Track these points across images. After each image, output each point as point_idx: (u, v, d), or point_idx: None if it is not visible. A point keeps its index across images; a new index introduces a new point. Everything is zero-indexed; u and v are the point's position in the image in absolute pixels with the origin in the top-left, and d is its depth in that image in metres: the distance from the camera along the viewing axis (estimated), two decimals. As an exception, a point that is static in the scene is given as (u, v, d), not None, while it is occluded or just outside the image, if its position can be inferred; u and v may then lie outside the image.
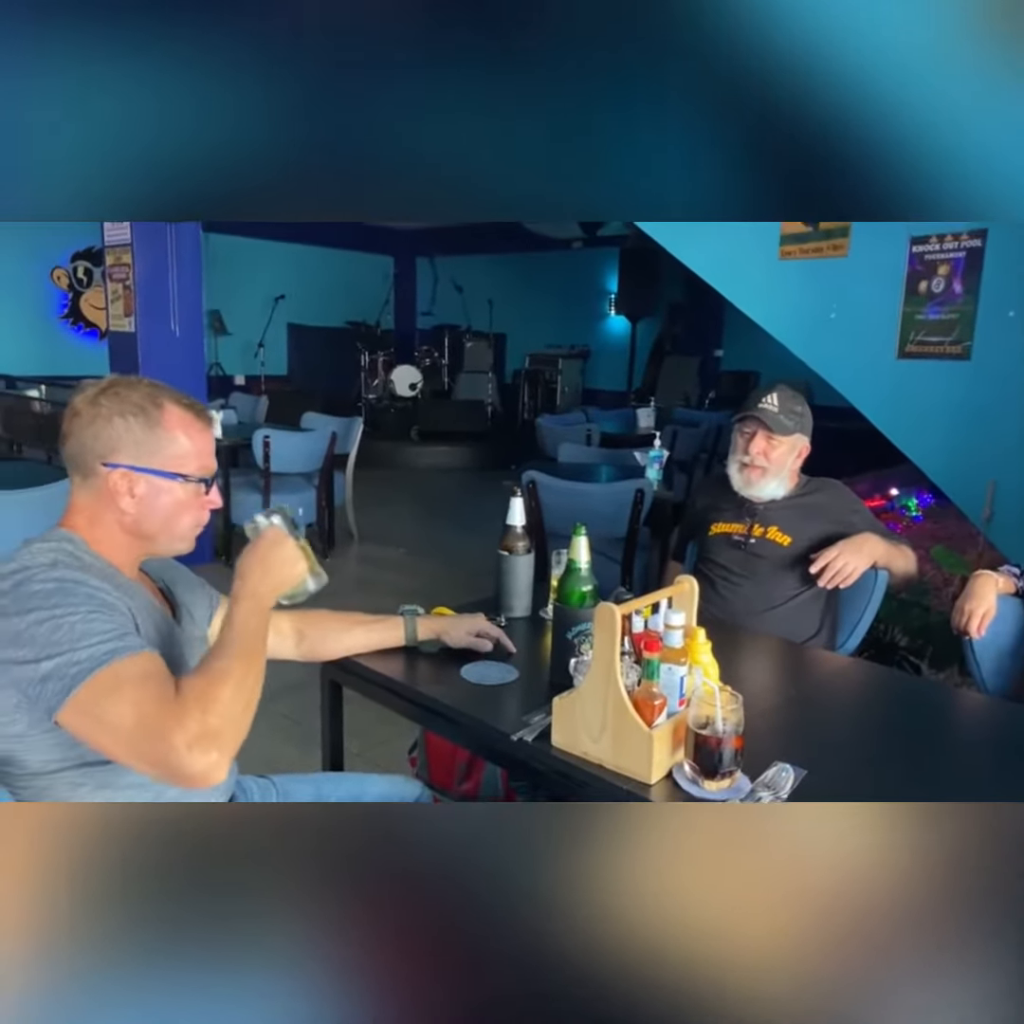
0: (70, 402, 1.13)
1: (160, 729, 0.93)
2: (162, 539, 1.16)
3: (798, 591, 1.99)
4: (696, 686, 1.15)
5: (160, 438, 1.12)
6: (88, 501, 1.13)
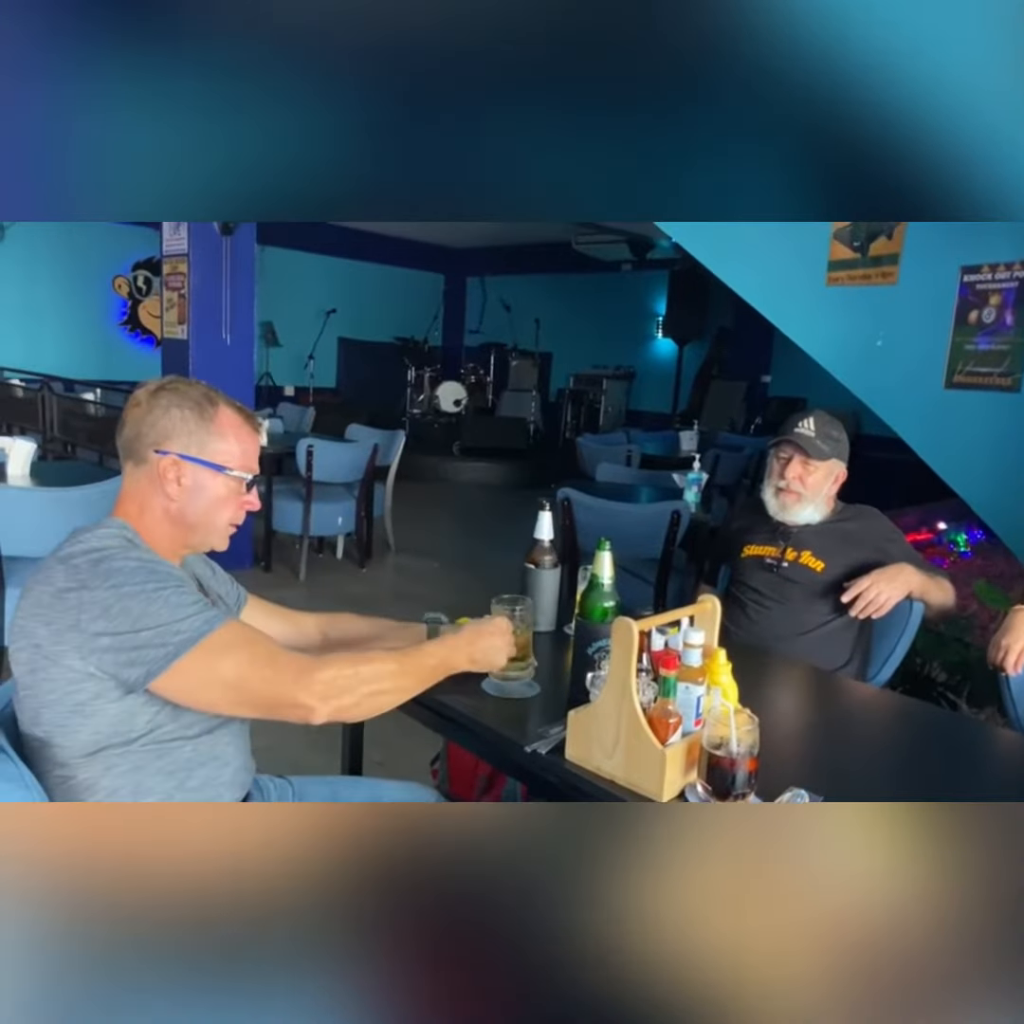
0: (132, 394, 1.20)
1: (295, 667, 1.08)
2: (200, 530, 1.21)
3: (829, 618, 1.95)
4: (714, 707, 1.13)
5: (211, 433, 1.18)
6: (138, 487, 1.18)
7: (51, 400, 5.84)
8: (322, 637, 1.49)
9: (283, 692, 1.06)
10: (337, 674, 1.09)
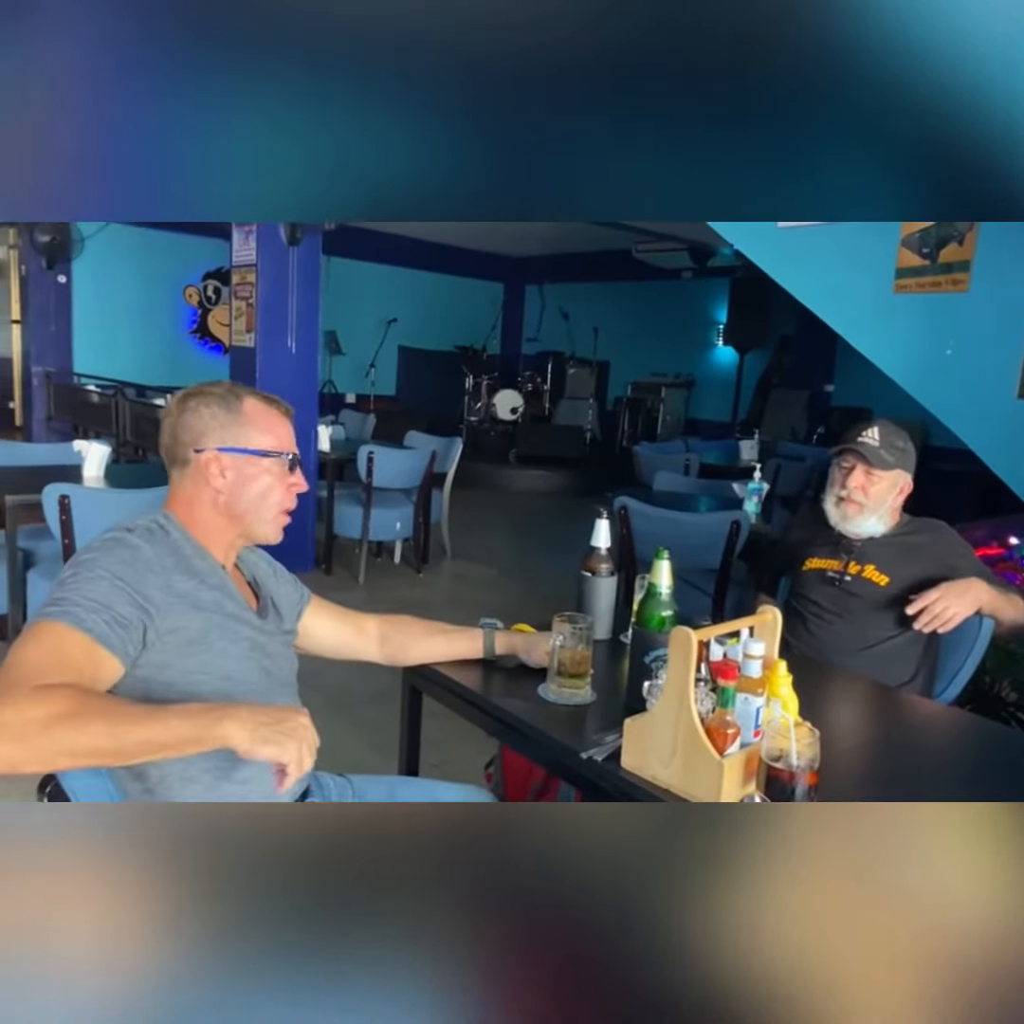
0: (166, 408, 1.26)
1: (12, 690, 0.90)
2: (250, 518, 1.24)
3: (894, 633, 1.91)
4: (773, 718, 1.12)
5: (241, 423, 1.22)
6: (185, 488, 1.22)
7: (124, 405, 6.06)
8: (381, 637, 1.52)
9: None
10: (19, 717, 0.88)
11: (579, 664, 1.40)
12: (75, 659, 0.98)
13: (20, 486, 2.95)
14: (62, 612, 1.01)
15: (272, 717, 0.96)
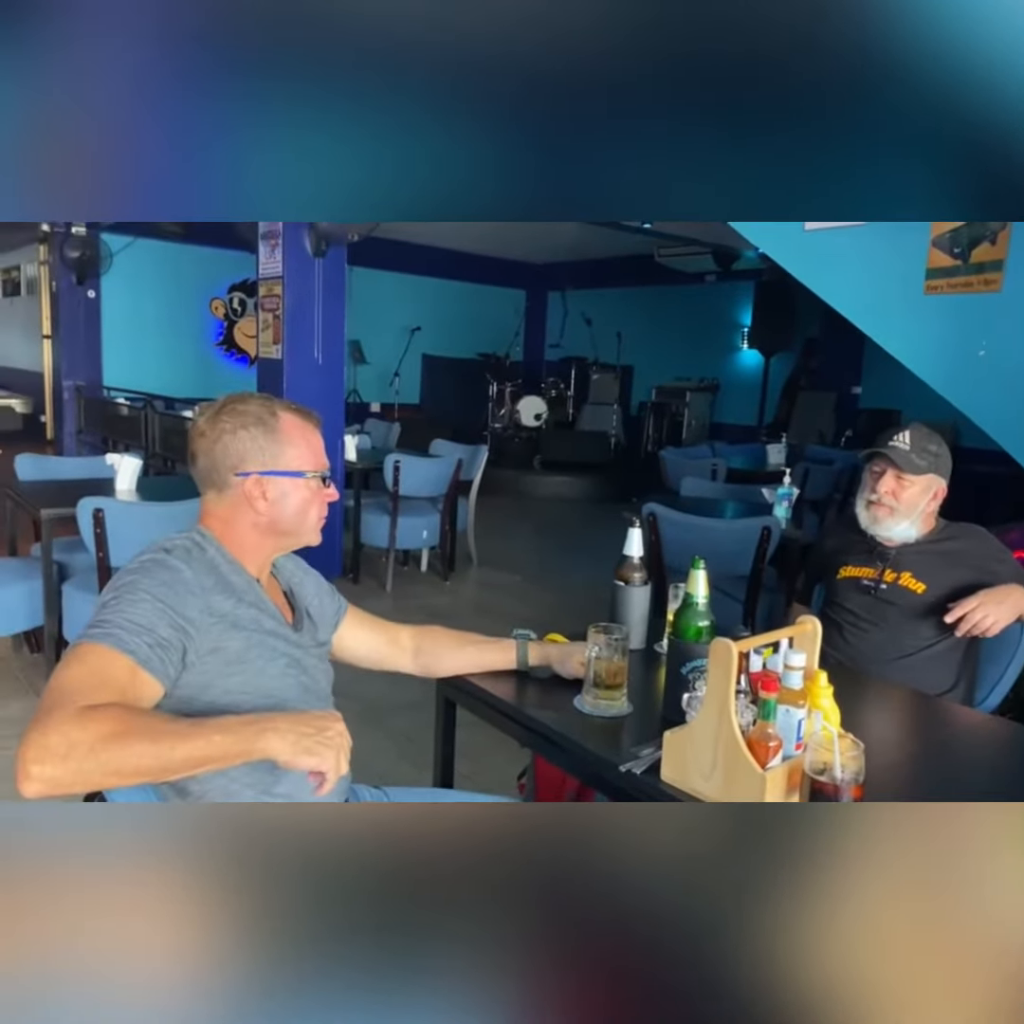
0: (193, 425, 1.24)
1: (44, 709, 0.92)
2: (293, 534, 1.26)
3: (932, 641, 1.87)
4: (815, 731, 1.11)
5: (280, 443, 1.22)
6: (223, 509, 1.23)
7: (153, 418, 6.14)
8: (415, 649, 1.52)
9: (31, 725, 0.92)
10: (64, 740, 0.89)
11: (615, 675, 1.39)
12: (118, 681, 1.00)
13: (55, 500, 2.99)
14: (105, 634, 1.02)
15: (311, 727, 0.98)
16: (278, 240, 4.44)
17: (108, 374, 7.67)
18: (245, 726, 0.97)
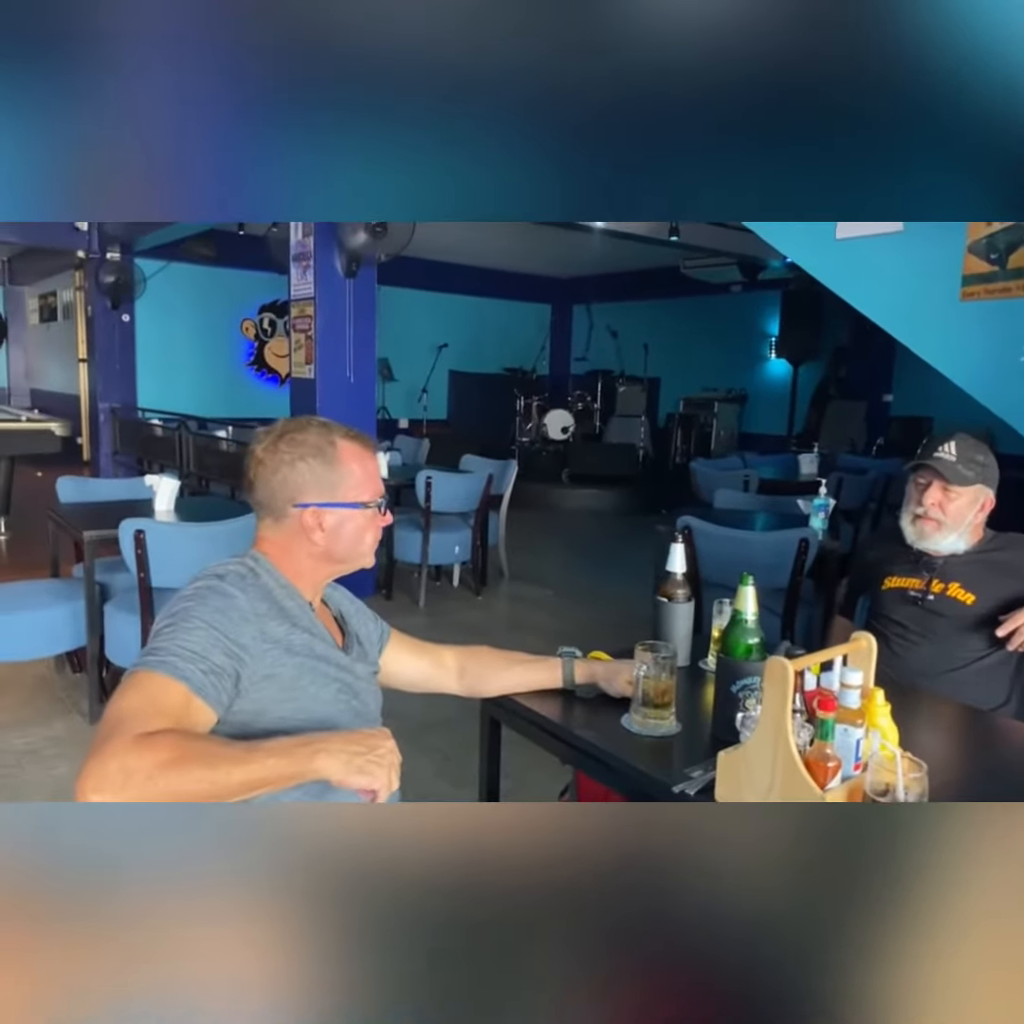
0: (251, 452, 1.25)
1: (103, 737, 0.94)
2: (349, 560, 1.27)
3: (983, 654, 1.84)
4: (874, 750, 1.09)
5: (340, 474, 1.23)
6: (280, 536, 1.24)
7: (187, 438, 6.22)
8: (460, 669, 1.51)
9: (90, 753, 0.93)
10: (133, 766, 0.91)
11: (663, 694, 1.38)
12: (173, 708, 1.01)
13: (96, 522, 3.04)
14: (160, 662, 1.04)
15: (362, 745, 1.00)
16: (310, 261, 4.50)
17: (142, 395, 7.81)
18: (298, 748, 0.99)
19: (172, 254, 7.75)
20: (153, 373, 8.05)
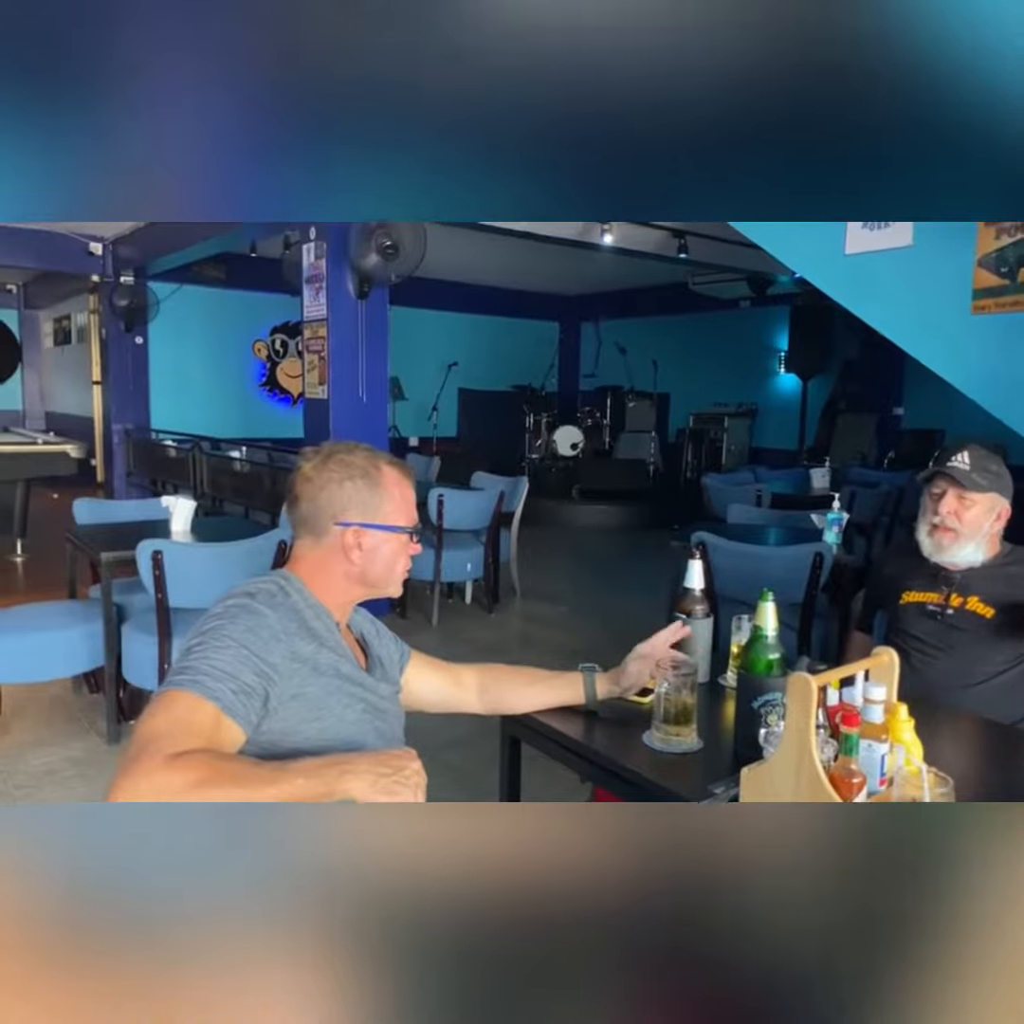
0: (299, 469, 1.27)
1: (132, 756, 0.95)
2: (381, 584, 1.29)
3: (1003, 668, 1.83)
4: (899, 766, 1.09)
5: (381, 497, 1.25)
6: (317, 554, 1.26)
7: (200, 458, 6.27)
8: (480, 688, 1.52)
9: (118, 772, 0.95)
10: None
11: (685, 711, 1.38)
12: (203, 727, 1.02)
13: (113, 543, 3.07)
14: (191, 681, 1.05)
15: (388, 766, 1.03)
16: (322, 284, 4.55)
17: (156, 417, 7.88)
18: (326, 768, 1.00)
19: (184, 277, 7.84)
20: (166, 395, 8.13)
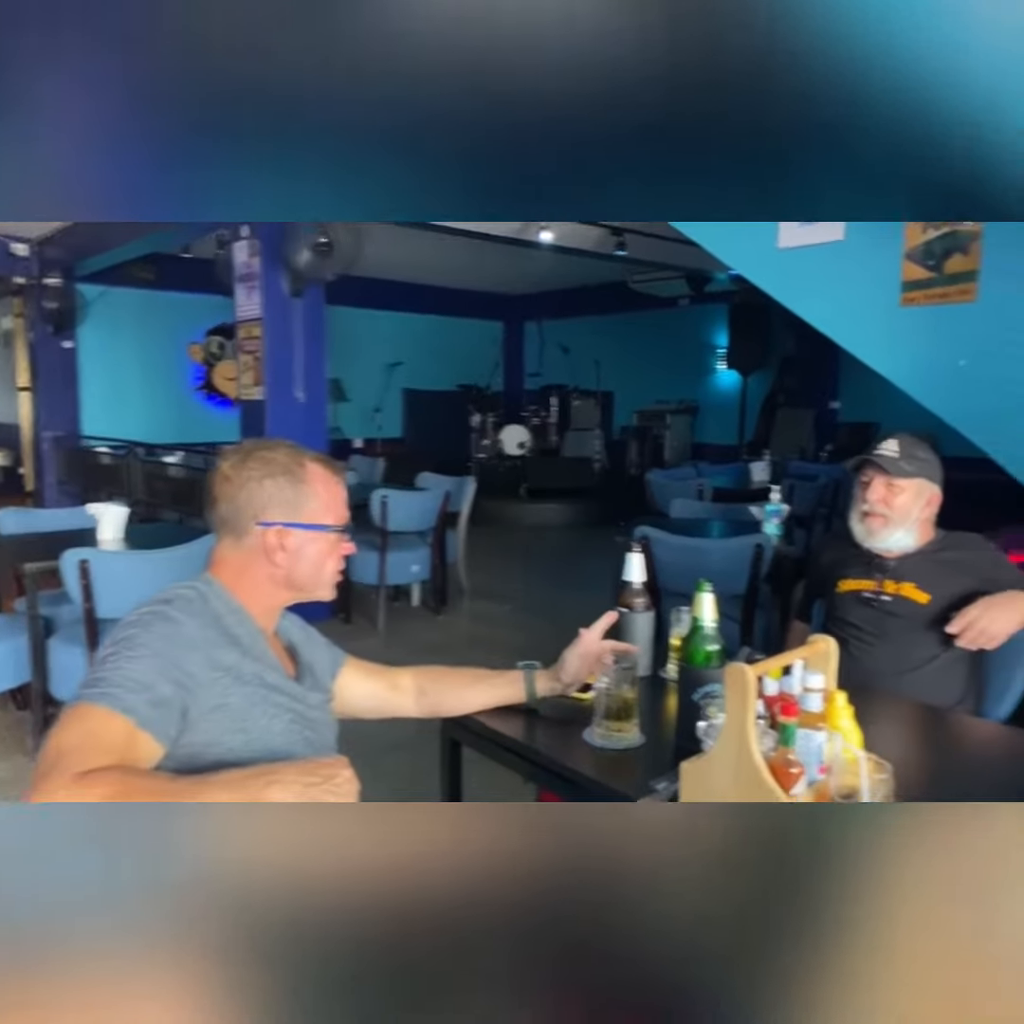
0: (218, 468, 1.21)
1: (42, 774, 0.90)
2: (309, 587, 1.23)
3: (938, 653, 1.86)
4: (837, 754, 1.08)
5: (306, 494, 1.19)
6: (238, 556, 1.20)
7: (135, 465, 6.08)
8: (418, 691, 1.48)
9: (31, 791, 0.91)
10: None
11: (626, 706, 1.36)
12: (114, 743, 0.96)
13: (38, 553, 2.93)
14: (101, 694, 0.99)
15: (318, 775, 0.98)
16: (255, 282, 4.45)
17: (87, 423, 7.61)
18: (250, 779, 0.95)
19: (114, 279, 7.59)
20: (99, 400, 7.86)
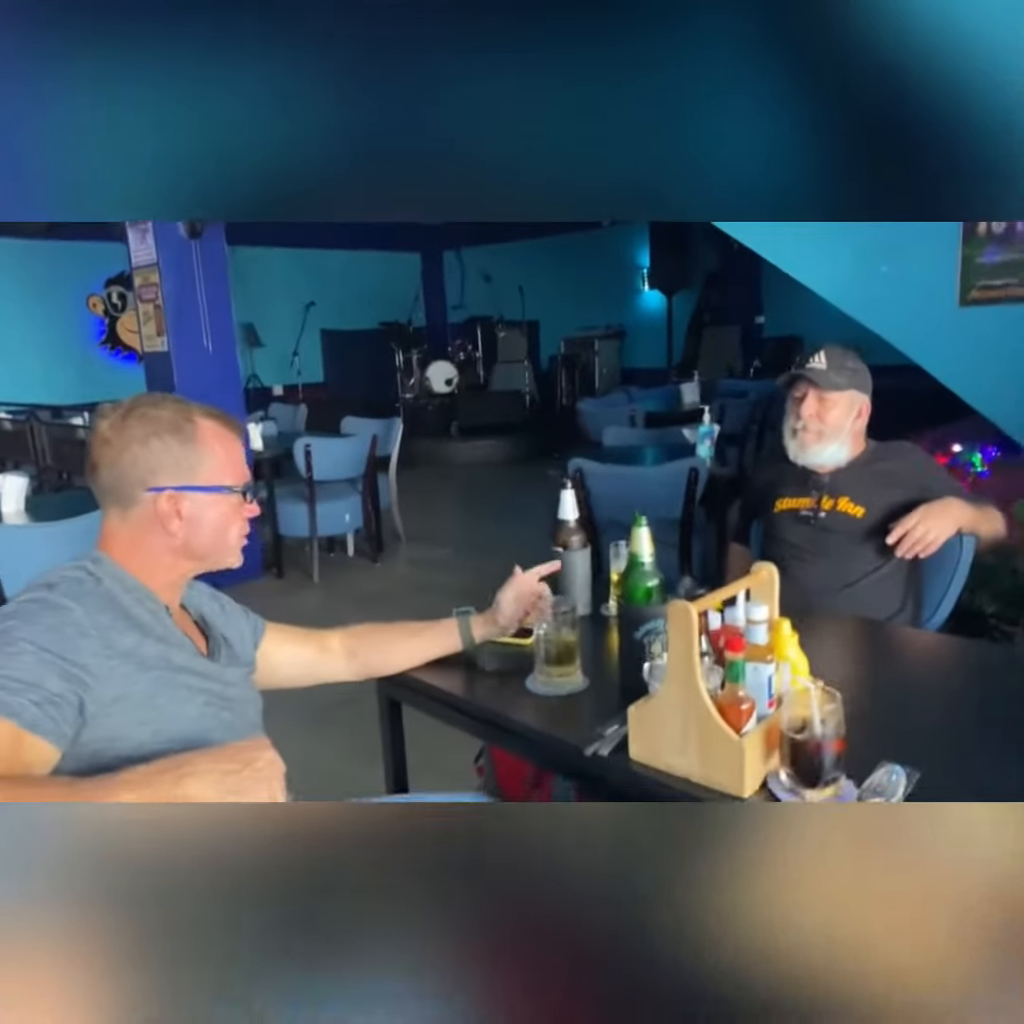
0: (95, 429, 1.07)
1: None
2: (212, 555, 1.12)
3: (876, 566, 1.85)
4: (785, 686, 1.04)
5: (199, 453, 1.07)
6: (128, 528, 1.07)
7: (39, 429, 5.71)
8: (348, 652, 1.39)
9: None
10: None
11: (567, 650, 1.30)
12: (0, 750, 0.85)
13: (-69, 533, 2.72)
14: None
15: (235, 761, 0.89)
16: (147, 226, 4.13)
17: (-18, 388, 7.13)
18: (158, 775, 0.85)
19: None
20: (-8, 363, 7.36)
